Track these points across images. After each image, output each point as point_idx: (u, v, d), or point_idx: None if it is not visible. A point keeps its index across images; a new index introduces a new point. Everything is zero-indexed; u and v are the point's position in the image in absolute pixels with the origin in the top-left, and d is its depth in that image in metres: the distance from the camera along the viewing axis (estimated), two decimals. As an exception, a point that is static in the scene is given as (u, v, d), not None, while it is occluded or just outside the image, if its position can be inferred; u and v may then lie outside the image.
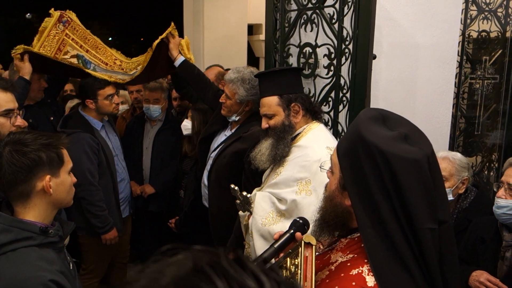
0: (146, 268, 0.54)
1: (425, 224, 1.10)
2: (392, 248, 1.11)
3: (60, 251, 1.51)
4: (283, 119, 2.16)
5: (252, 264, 0.53)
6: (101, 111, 3.09)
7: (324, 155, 2.05)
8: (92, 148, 2.94)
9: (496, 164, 3.95)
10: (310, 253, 1.17)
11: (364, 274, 1.12)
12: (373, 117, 1.20)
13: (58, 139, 1.52)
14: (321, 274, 1.24)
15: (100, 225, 2.96)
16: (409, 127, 1.20)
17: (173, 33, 3.03)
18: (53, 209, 1.53)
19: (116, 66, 3.13)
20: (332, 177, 1.29)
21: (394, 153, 1.10)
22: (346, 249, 1.23)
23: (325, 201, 1.30)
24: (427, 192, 1.11)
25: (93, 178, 2.92)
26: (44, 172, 1.45)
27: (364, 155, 1.13)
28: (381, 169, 1.11)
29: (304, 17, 2.78)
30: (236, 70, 2.71)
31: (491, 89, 3.89)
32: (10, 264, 1.34)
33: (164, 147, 3.66)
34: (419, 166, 1.10)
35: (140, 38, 17.03)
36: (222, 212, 2.80)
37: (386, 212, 1.11)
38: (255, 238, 2.12)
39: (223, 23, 5.50)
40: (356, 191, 1.16)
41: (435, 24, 2.78)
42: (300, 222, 1.45)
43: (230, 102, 2.70)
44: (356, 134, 1.17)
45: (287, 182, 2.11)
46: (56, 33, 3.01)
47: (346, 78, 2.55)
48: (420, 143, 1.15)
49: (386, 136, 1.14)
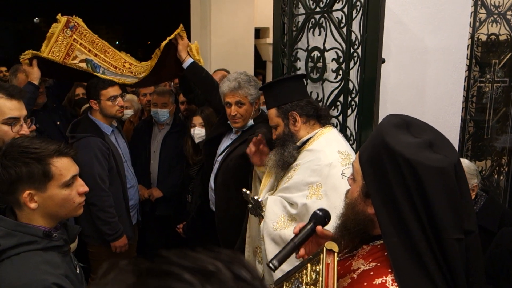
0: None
1: (452, 234, 1.07)
2: (417, 258, 1.08)
3: (65, 255, 1.51)
4: (283, 129, 2.23)
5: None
6: (104, 112, 3.02)
7: (336, 160, 2.06)
8: (103, 153, 2.90)
9: (505, 168, 3.91)
10: (332, 260, 1.15)
11: (388, 284, 1.10)
12: (396, 124, 1.18)
13: (51, 152, 1.46)
14: (342, 281, 1.22)
15: (109, 232, 2.91)
16: (433, 133, 1.18)
17: (182, 35, 3.02)
18: (51, 219, 1.51)
19: (126, 69, 3.13)
20: (354, 184, 1.27)
21: (420, 161, 1.07)
22: (368, 257, 1.21)
23: (347, 208, 1.28)
24: (453, 201, 1.08)
25: (103, 183, 2.88)
26: (24, 187, 1.42)
27: (388, 163, 1.11)
28: (407, 177, 1.08)
29: (312, 21, 2.77)
30: (231, 78, 2.70)
31: (501, 93, 3.86)
32: (14, 267, 1.35)
33: (172, 151, 3.66)
34: (445, 174, 1.08)
35: (146, 42, 17.10)
36: (229, 215, 2.80)
37: (411, 221, 1.09)
38: (266, 242, 2.11)
39: (230, 27, 5.50)
40: (380, 199, 1.14)
41: (444, 28, 2.76)
42: (320, 214, 1.42)
43: (245, 107, 2.70)
44: (380, 142, 1.15)
45: (298, 186, 2.11)
46: (64, 39, 3.03)
47: (354, 82, 2.53)
48: (445, 151, 1.12)
49: (410, 144, 1.11)
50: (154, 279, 0.50)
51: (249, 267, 0.56)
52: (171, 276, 0.50)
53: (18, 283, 1.32)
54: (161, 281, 0.49)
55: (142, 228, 3.63)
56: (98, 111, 3.03)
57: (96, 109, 3.02)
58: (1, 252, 1.37)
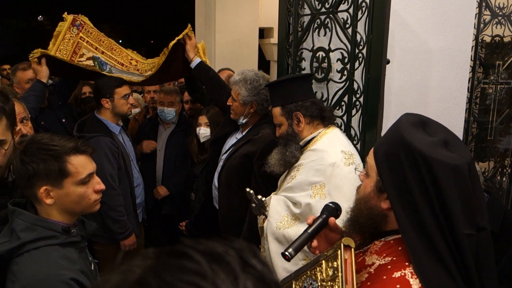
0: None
1: (463, 229, 1.11)
2: (434, 251, 1.12)
3: (81, 251, 1.54)
4: (287, 128, 2.24)
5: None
6: (116, 111, 3.04)
7: (339, 159, 2.08)
8: (113, 152, 2.92)
9: (509, 169, 3.92)
10: (350, 255, 1.17)
11: (408, 277, 1.13)
12: (413, 122, 1.22)
13: (68, 149, 1.49)
14: (359, 276, 1.24)
15: (119, 230, 2.93)
16: (447, 133, 1.22)
17: (190, 35, 3.05)
18: (69, 214, 1.53)
19: (132, 67, 3.15)
20: (367, 180, 1.30)
21: (437, 159, 1.12)
22: (382, 252, 1.24)
23: (359, 203, 1.32)
24: (466, 198, 1.12)
25: (114, 182, 2.90)
26: (41, 183, 1.45)
27: (406, 159, 1.15)
28: (423, 173, 1.12)
29: (318, 21, 2.78)
30: (240, 72, 2.78)
31: (504, 94, 3.86)
32: (33, 261, 1.37)
33: (177, 150, 3.68)
34: (460, 172, 1.12)
35: (150, 41, 17.14)
36: (232, 213, 2.83)
37: (427, 215, 1.13)
38: (270, 241, 2.13)
39: (234, 27, 5.52)
40: (397, 195, 1.17)
41: (448, 29, 2.77)
42: (332, 206, 1.45)
43: (236, 104, 2.77)
44: (397, 138, 1.19)
45: (301, 186, 2.12)
46: (71, 37, 3.06)
47: (359, 83, 2.55)
48: (460, 150, 1.17)
49: (427, 142, 1.15)
50: (169, 259, 0.54)
51: (260, 257, 0.58)
52: (183, 257, 0.53)
53: (37, 277, 1.35)
54: (175, 260, 0.53)
55: (147, 226, 3.66)
56: (109, 110, 3.04)
57: (107, 108, 3.03)
58: (21, 246, 1.40)
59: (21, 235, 1.40)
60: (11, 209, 1.47)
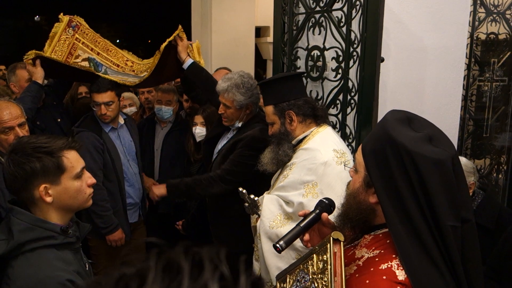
0: None
1: (448, 221, 1.15)
2: (420, 243, 1.16)
3: (76, 252, 1.54)
4: (279, 127, 2.23)
5: None
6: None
7: (331, 158, 2.08)
8: (96, 148, 2.95)
9: (504, 166, 3.94)
10: (339, 249, 1.20)
11: (394, 268, 1.17)
12: (399, 119, 1.25)
13: (61, 145, 1.50)
14: (348, 269, 1.28)
15: (103, 225, 2.95)
16: (432, 129, 1.25)
17: (181, 36, 3.04)
18: (65, 213, 1.54)
19: (128, 68, 3.15)
20: (356, 175, 1.34)
21: (421, 153, 1.15)
22: (371, 245, 1.28)
23: (348, 198, 1.35)
24: (450, 191, 1.16)
25: (95, 177, 2.91)
26: (39, 181, 1.45)
27: (391, 154, 1.19)
28: (408, 168, 1.16)
29: (312, 20, 2.79)
30: (226, 78, 2.71)
31: (500, 91, 3.88)
32: (28, 264, 1.37)
33: (173, 149, 3.69)
34: (443, 166, 1.15)
35: (147, 41, 17.12)
36: (221, 212, 2.86)
37: (413, 209, 1.16)
38: (263, 240, 2.14)
39: (230, 26, 5.52)
40: (383, 189, 1.21)
41: (443, 27, 2.78)
42: (326, 202, 1.48)
43: (230, 111, 2.72)
44: (383, 134, 1.22)
45: (294, 185, 2.13)
46: (67, 38, 3.05)
47: (354, 81, 2.56)
48: (444, 145, 1.20)
49: (412, 137, 1.19)
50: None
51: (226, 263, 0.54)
52: None
53: (33, 279, 1.35)
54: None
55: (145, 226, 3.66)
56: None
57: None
58: (18, 246, 1.40)
59: (19, 235, 1.40)
60: (9, 207, 1.47)
